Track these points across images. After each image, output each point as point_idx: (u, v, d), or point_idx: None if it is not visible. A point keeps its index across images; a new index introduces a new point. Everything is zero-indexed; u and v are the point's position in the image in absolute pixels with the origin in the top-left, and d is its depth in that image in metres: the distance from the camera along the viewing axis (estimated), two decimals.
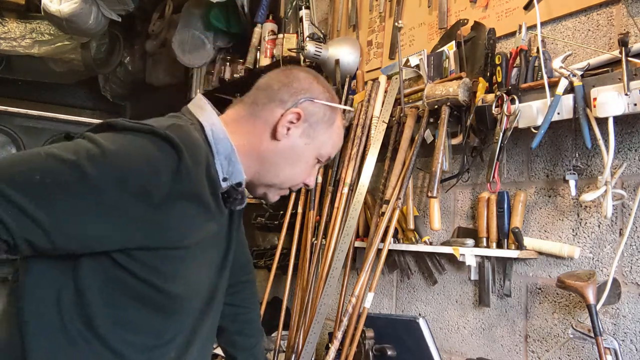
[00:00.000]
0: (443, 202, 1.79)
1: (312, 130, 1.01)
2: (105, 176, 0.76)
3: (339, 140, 1.08)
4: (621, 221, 1.33)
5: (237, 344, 1.32)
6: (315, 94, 1.01)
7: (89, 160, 0.75)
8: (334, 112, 1.04)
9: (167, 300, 0.89)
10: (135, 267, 0.83)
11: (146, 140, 0.80)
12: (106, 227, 0.78)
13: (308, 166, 1.04)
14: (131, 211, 0.78)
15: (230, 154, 0.93)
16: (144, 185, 0.78)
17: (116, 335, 0.86)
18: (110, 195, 0.76)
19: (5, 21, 3.62)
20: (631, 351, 1.29)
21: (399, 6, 2.05)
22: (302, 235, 2.13)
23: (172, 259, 0.86)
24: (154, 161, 0.79)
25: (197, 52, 3.05)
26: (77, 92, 5.03)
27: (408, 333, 1.70)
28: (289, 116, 0.98)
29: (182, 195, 0.82)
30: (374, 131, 1.90)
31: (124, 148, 0.79)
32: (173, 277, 0.88)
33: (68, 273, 0.82)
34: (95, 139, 0.79)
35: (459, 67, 1.70)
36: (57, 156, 0.76)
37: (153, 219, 0.80)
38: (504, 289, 1.56)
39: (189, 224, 0.86)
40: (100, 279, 0.83)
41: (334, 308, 2.03)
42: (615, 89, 1.21)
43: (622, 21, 1.36)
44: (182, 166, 0.80)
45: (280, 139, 0.99)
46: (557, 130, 1.46)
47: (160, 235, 0.83)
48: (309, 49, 2.18)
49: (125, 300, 0.85)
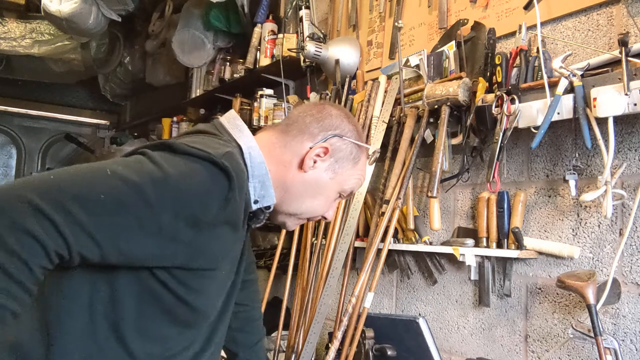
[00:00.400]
0: (443, 202, 1.79)
1: (338, 165, 1.05)
2: (164, 201, 0.79)
3: (362, 178, 1.12)
4: (621, 221, 1.33)
5: (239, 341, 1.33)
6: (344, 132, 1.05)
7: (152, 183, 0.79)
8: (360, 151, 1.08)
9: (190, 314, 0.93)
10: (171, 282, 0.86)
11: (203, 169, 0.83)
12: (155, 247, 0.81)
13: (329, 200, 1.08)
14: (180, 235, 0.82)
15: (264, 178, 0.97)
16: (194, 213, 0.82)
17: (139, 343, 0.88)
18: (164, 218, 0.79)
19: (5, 21, 3.62)
20: (631, 351, 1.29)
21: (399, 6, 2.05)
22: (302, 235, 2.13)
23: (202, 277, 0.90)
24: (208, 191, 0.83)
25: (197, 52, 3.05)
26: (77, 92, 5.04)
27: (408, 333, 1.70)
28: (317, 150, 1.02)
29: (223, 221, 0.87)
30: (374, 131, 1.90)
31: (183, 175, 0.82)
32: (200, 292, 0.91)
33: (104, 280, 0.85)
34: (157, 161, 0.82)
35: (459, 67, 1.70)
36: (122, 176, 0.78)
37: (196, 243, 0.84)
38: (504, 289, 1.56)
39: (225, 247, 0.92)
40: (136, 289, 0.86)
41: (334, 308, 2.03)
42: (615, 89, 1.21)
43: (622, 21, 1.36)
44: (230, 195, 0.84)
45: (307, 170, 1.02)
46: (557, 130, 1.46)
47: (199, 257, 0.87)
48: (309, 49, 2.18)
49: (154, 311, 0.88)
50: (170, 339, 0.93)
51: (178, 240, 0.82)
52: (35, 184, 0.74)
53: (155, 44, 3.72)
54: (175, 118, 3.54)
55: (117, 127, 5.16)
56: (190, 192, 0.81)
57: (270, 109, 2.55)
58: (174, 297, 0.88)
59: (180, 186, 0.81)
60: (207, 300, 0.95)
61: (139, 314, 0.87)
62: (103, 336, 0.85)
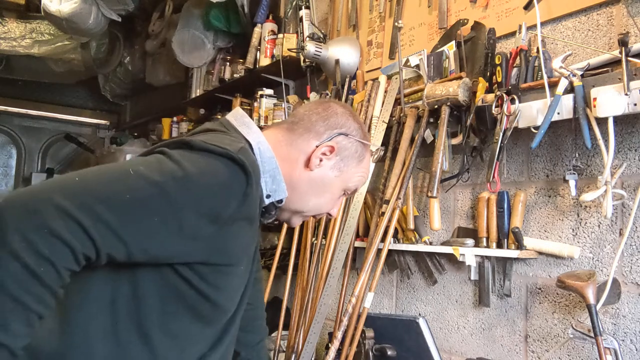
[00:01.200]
0: (443, 202, 1.79)
1: (343, 164, 1.06)
2: (185, 198, 0.80)
3: (366, 175, 1.13)
4: (621, 221, 1.33)
5: (241, 340, 1.32)
6: (350, 130, 1.06)
7: (174, 182, 0.80)
8: (365, 149, 1.09)
9: (211, 311, 0.93)
10: (194, 278, 0.87)
11: (222, 165, 0.85)
12: (178, 244, 0.82)
13: (334, 197, 1.09)
14: (202, 231, 0.83)
15: (275, 172, 0.98)
16: (214, 210, 0.83)
17: (162, 341, 0.89)
18: (186, 215, 0.80)
19: (5, 21, 3.62)
20: (631, 351, 1.29)
21: (399, 6, 2.05)
22: (302, 235, 2.13)
23: (223, 273, 0.91)
24: (228, 187, 0.85)
25: (197, 52, 3.05)
26: (77, 92, 5.04)
27: (408, 333, 1.70)
28: (323, 148, 1.03)
29: (242, 217, 0.88)
30: (374, 131, 1.90)
31: (203, 172, 0.83)
32: (222, 289, 0.92)
33: (126, 279, 0.85)
34: (177, 159, 0.83)
35: (459, 67, 1.70)
36: (144, 176, 0.79)
37: (217, 239, 0.86)
38: (504, 289, 1.56)
39: (244, 243, 0.93)
40: (159, 286, 0.86)
41: (334, 308, 2.03)
42: (615, 89, 1.21)
43: (622, 21, 1.36)
44: (248, 191, 0.86)
45: (313, 169, 1.03)
46: (557, 130, 1.46)
47: (219, 253, 0.88)
48: (309, 49, 2.18)
49: (177, 308, 0.89)
50: (192, 335, 0.93)
51: (200, 236, 0.83)
52: (61, 186, 0.75)
53: (155, 44, 3.72)
54: (175, 118, 3.54)
55: (117, 127, 5.16)
56: (211, 189, 0.83)
57: (270, 109, 2.55)
58: (196, 293, 0.88)
59: (200, 183, 0.82)
60: (228, 296, 0.96)
61: (162, 311, 0.87)
62: (126, 335, 0.85)
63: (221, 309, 0.96)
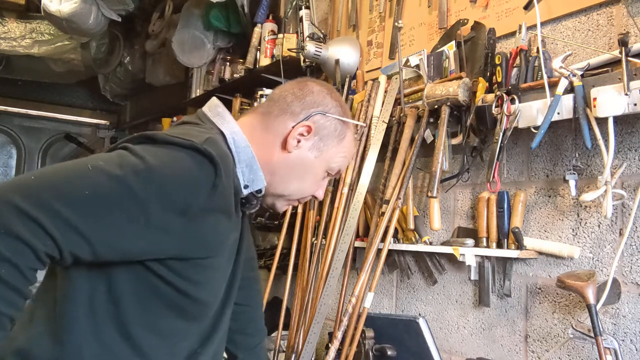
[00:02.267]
0: (443, 202, 1.79)
1: (322, 143, 1.02)
2: (149, 192, 0.78)
3: (349, 154, 1.09)
4: (621, 221, 1.33)
5: (239, 342, 1.32)
6: (327, 108, 1.03)
7: (135, 175, 0.78)
8: (346, 127, 1.06)
9: (193, 307, 0.92)
10: (168, 275, 0.85)
11: (187, 156, 0.82)
12: (147, 240, 0.80)
13: (317, 179, 1.06)
14: (170, 225, 0.81)
15: (251, 162, 0.96)
16: (183, 201, 0.80)
17: (147, 340, 0.88)
18: (152, 209, 0.78)
19: (5, 21, 3.62)
20: (631, 351, 1.29)
21: (399, 6, 2.05)
22: (302, 235, 2.13)
23: (202, 268, 0.89)
24: (194, 178, 0.82)
25: (197, 52, 3.05)
26: (77, 92, 5.03)
27: (408, 333, 1.70)
28: (300, 129, 1.00)
29: (214, 209, 0.85)
30: (374, 131, 1.90)
31: (167, 164, 0.81)
32: (201, 284, 0.91)
33: (101, 280, 0.84)
34: (139, 153, 0.81)
35: (459, 67, 1.70)
36: (104, 170, 0.77)
37: (188, 232, 0.83)
38: (504, 289, 1.56)
39: (219, 235, 0.90)
40: (134, 286, 0.85)
41: (334, 308, 2.03)
42: (615, 89, 1.21)
43: (622, 21, 1.36)
44: (217, 181, 0.83)
45: (291, 150, 1.00)
46: (557, 130, 1.46)
47: (193, 247, 0.86)
48: (309, 49, 2.18)
49: (157, 306, 0.88)
50: (177, 332, 0.92)
51: (170, 231, 0.81)
52: (18, 186, 0.73)
53: (155, 44, 3.72)
54: (175, 118, 3.53)
55: (117, 127, 5.15)
56: (176, 181, 0.80)
57: None
58: (173, 290, 0.87)
59: (164, 176, 0.80)
60: (209, 291, 0.94)
61: (143, 310, 0.86)
62: (110, 336, 0.85)
63: (204, 304, 0.94)
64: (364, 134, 1.95)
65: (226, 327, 1.09)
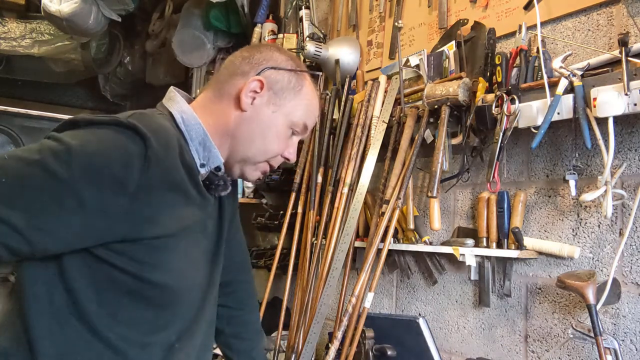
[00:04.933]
0: (443, 202, 1.79)
1: (278, 98, 0.99)
2: (73, 172, 0.75)
3: (312, 106, 1.05)
4: (621, 221, 1.33)
5: (234, 347, 1.29)
6: (277, 62, 1.00)
7: (54, 157, 0.75)
8: (301, 78, 1.03)
9: (157, 292, 0.88)
10: (117, 260, 0.82)
11: (110, 131, 0.79)
12: (81, 224, 0.77)
13: (281, 136, 1.02)
14: (105, 204, 0.77)
15: (204, 139, 0.94)
16: (115, 177, 0.77)
17: (115, 332, 0.85)
18: (80, 190, 0.75)
19: (5, 21, 3.62)
20: (631, 351, 1.29)
21: (399, 6, 2.05)
22: (302, 235, 2.13)
23: (154, 249, 0.85)
24: (121, 153, 0.78)
25: (197, 52, 3.05)
26: (77, 92, 5.03)
27: (408, 333, 1.70)
28: (252, 85, 0.97)
29: (156, 183, 0.81)
30: (374, 131, 1.90)
31: (89, 142, 0.78)
32: (158, 267, 0.86)
33: (55, 273, 0.82)
34: (59, 137, 0.78)
35: (459, 67, 1.70)
36: (21, 158, 0.76)
37: (129, 211, 0.79)
38: (504, 289, 1.56)
39: (167, 212, 0.85)
40: (87, 276, 0.82)
41: (334, 308, 2.03)
42: (615, 89, 1.21)
43: (622, 21, 1.36)
44: (150, 152, 0.79)
45: (246, 109, 0.97)
46: (557, 130, 1.46)
47: (140, 226, 0.82)
48: (309, 49, 2.18)
49: (117, 296, 0.85)
50: (146, 322, 0.89)
51: (109, 211, 0.77)
52: None
53: (155, 44, 3.72)
54: None
55: None
56: (102, 158, 0.77)
57: None
58: (127, 275, 0.83)
59: (88, 154, 0.76)
60: (169, 274, 0.89)
61: (102, 301, 0.83)
62: (75, 329, 0.83)
63: (167, 289, 0.89)
64: (364, 134, 1.95)
65: (210, 320, 1.05)
